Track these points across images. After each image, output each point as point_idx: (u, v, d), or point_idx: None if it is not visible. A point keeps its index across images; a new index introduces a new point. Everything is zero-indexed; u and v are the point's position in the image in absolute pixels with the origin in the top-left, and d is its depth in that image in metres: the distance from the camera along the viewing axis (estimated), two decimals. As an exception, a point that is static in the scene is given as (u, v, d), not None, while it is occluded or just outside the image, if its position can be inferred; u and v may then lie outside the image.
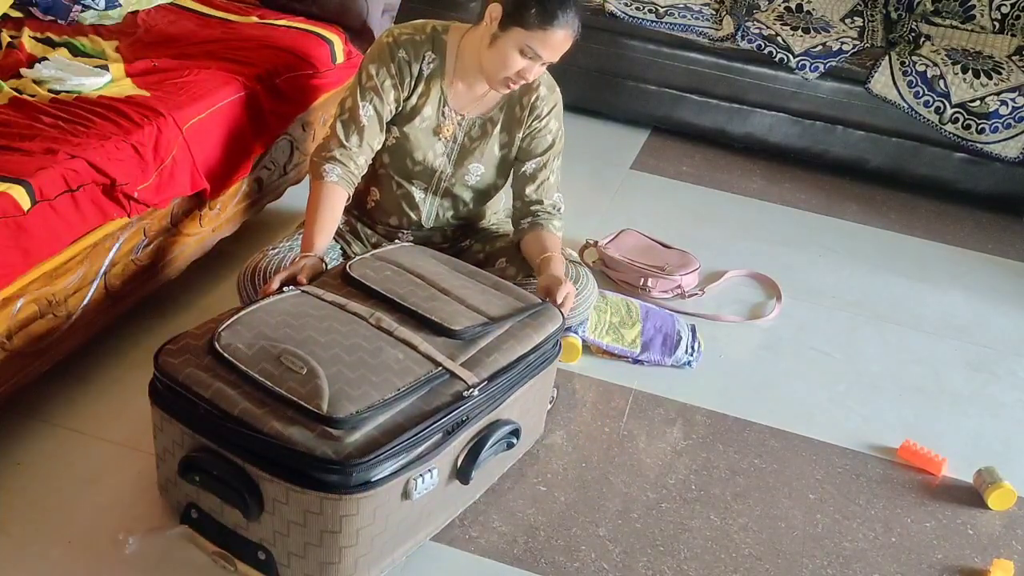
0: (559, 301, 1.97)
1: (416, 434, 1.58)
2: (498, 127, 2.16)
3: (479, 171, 2.19)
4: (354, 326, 1.74)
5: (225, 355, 1.62)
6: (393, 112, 2.13)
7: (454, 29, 2.13)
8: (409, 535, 1.72)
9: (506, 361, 1.78)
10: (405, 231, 2.28)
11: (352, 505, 1.54)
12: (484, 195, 2.26)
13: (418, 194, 2.22)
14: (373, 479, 1.54)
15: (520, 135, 2.17)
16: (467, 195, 2.23)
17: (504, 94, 2.12)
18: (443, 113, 2.14)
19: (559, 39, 1.98)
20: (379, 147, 2.15)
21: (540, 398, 2.01)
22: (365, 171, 2.15)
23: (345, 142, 2.09)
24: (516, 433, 1.85)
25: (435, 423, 1.62)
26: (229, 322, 1.70)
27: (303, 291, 1.84)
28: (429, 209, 2.24)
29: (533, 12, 1.94)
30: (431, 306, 1.82)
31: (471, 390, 1.69)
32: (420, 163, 2.18)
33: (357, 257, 1.98)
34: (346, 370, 1.62)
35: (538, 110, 2.15)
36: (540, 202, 2.20)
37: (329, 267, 2.11)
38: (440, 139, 2.16)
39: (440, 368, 1.69)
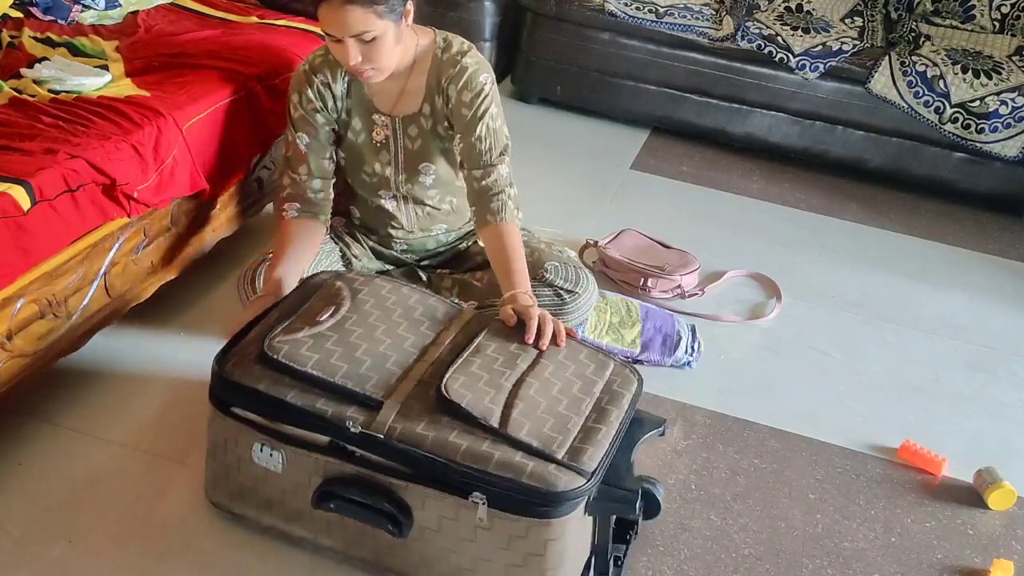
0: (532, 333, 1.79)
1: (275, 406, 1.64)
2: (431, 121, 2.12)
3: (430, 169, 2.16)
4: (411, 338, 1.77)
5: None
6: (331, 132, 2.13)
7: None
8: (275, 513, 1.75)
9: (429, 449, 1.57)
10: (396, 240, 2.27)
11: (217, 419, 1.72)
12: (448, 188, 2.21)
13: (389, 204, 2.21)
14: (229, 402, 1.69)
15: (448, 121, 2.12)
16: (431, 193, 2.20)
17: (425, 85, 2.08)
18: (372, 119, 2.12)
19: (332, 12, 1.87)
20: (332, 167, 2.15)
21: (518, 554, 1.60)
22: (328, 194, 2.15)
23: (294, 175, 2.13)
24: (396, 523, 1.61)
25: (295, 417, 1.63)
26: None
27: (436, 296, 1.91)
28: (408, 216, 2.23)
29: None
30: (479, 361, 1.71)
31: (355, 427, 1.59)
32: (373, 175, 2.17)
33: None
34: (337, 340, 1.71)
35: (448, 91, 2.07)
36: (473, 176, 2.08)
37: (327, 268, 2.12)
38: (378, 145, 2.14)
39: (380, 399, 1.62)
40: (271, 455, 1.67)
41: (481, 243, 2.15)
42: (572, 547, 1.61)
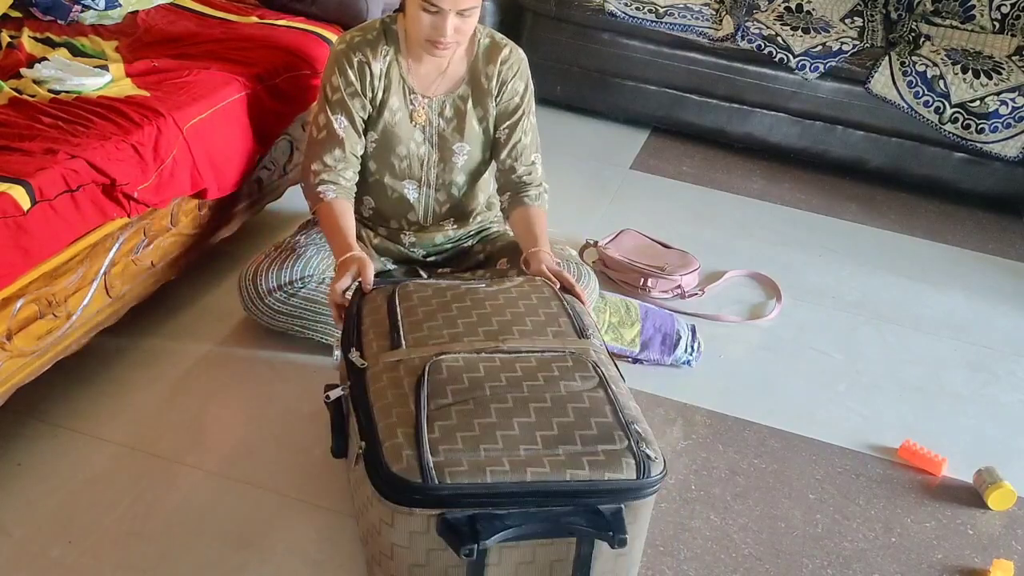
0: (574, 286, 1.96)
1: (352, 317, 1.82)
2: (470, 102, 2.16)
3: (465, 149, 2.19)
4: (450, 316, 1.82)
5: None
6: (364, 118, 2.14)
7: (401, 15, 2.12)
8: None
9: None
10: (406, 232, 2.28)
11: None
12: (475, 175, 2.25)
13: (411, 193, 2.22)
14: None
15: (493, 105, 2.17)
16: (459, 178, 2.23)
17: (467, 68, 2.14)
18: (410, 101, 2.14)
19: None
20: (362, 152, 2.16)
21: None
22: (356, 180, 2.16)
23: (328, 162, 2.12)
24: (366, 457, 1.57)
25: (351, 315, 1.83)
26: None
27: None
28: (425, 205, 2.24)
29: None
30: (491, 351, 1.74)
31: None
32: (405, 157, 2.18)
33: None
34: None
35: (503, 75, 2.15)
36: (514, 169, 2.20)
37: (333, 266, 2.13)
38: (416, 126, 2.16)
39: (388, 359, 1.68)
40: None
41: (510, 226, 2.24)
42: (404, 547, 1.52)
